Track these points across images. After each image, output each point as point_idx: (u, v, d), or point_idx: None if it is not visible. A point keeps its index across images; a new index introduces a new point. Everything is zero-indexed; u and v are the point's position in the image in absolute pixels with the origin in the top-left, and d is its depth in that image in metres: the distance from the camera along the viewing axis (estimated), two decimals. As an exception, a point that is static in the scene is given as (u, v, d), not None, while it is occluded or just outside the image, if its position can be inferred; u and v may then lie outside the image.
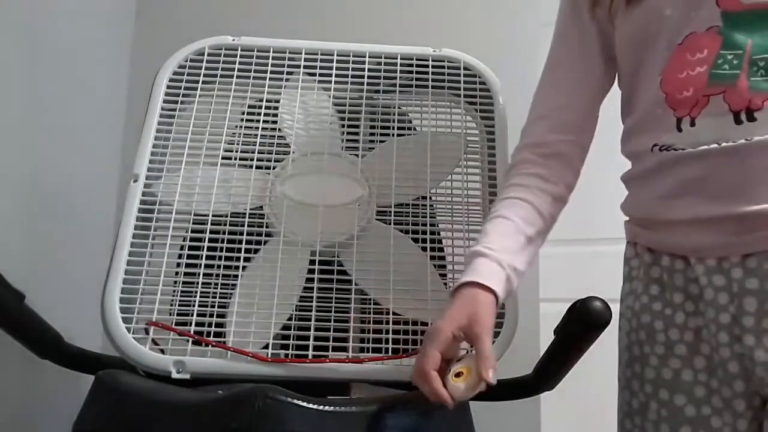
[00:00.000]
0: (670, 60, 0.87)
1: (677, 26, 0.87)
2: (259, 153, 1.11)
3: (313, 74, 1.19)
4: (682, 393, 0.85)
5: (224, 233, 1.04)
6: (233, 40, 1.19)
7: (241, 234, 1.04)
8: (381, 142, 1.15)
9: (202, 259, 1.01)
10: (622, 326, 0.94)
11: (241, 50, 1.18)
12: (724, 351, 0.83)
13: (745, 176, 0.81)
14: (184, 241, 1.05)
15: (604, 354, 1.01)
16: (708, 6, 0.85)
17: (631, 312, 0.92)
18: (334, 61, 1.19)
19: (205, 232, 1.03)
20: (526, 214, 0.93)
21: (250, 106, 1.16)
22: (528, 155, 0.97)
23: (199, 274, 1.00)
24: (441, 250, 1.08)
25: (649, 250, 0.92)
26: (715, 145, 0.82)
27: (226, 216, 1.05)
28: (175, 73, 1.16)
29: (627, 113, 0.96)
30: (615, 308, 0.94)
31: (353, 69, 1.19)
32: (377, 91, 1.19)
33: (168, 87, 1.15)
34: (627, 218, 0.97)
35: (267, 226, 1.05)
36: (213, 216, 1.05)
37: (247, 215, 1.06)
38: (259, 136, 1.12)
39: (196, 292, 0.99)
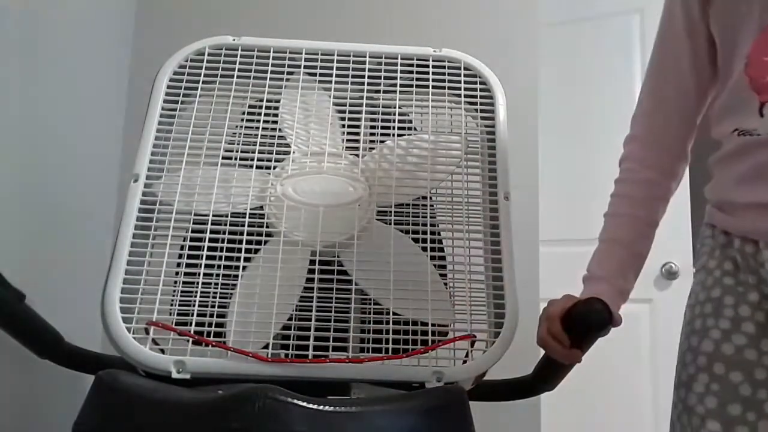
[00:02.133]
0: (757, 42, 0.85)
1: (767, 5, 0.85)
2: (259, 153, 1.11)
3: (314, 74, 1.19)
4: (740, 370, 0.83)
5: (224, 233, 1.04)
6: (233, 40, 1.19)
7: (241, 234, 1.04)
8: (381, 142, 1.15)
9: (202, 259, 1.01)
10: (689, 302, 0.94)
11: (242, 50, 1.18)
12: None
13: None
14: (184, 241, 1.05)
15: (604, 354, 1.01)
16: None
17: (701, 286, 0.91)
18: (335, 61, 1.19)
19: (205, 232, 1.03)
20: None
21: (250, 106, 1.16)
22: None
23: (199, 274, 1.00)
24: (441, 250, 1.08)
25: (724, 233, 0.92)
26: None
27: (226, 216, 1.05)
28: (175, 73, 1.16)
29: (716, 97, 0.95)
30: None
31: (354, 69, 1.19)
32: (377, 91, 1.19)
33: (168, 87, 1.15)
34: (708, 201, 0.97)
35: (267, 226, 1.05)
36: (213, 216, 1.05)
37: (247, 215, 1.05)
38: (259, 136, 1.12)
39: (196, 292, 0.99)
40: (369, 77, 1.18)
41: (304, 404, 0.80)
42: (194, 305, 0.98)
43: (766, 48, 0.84)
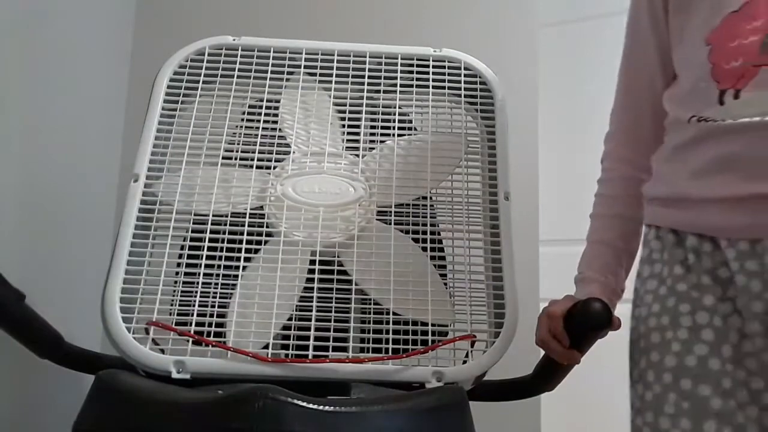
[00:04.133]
0: (721, 27, 0.83)
1: None
2: (259, 153, 1.11)
3: (314, 74, 1.19)
4: (707, 383, 0.78)
5: (224, 233, 1.04)
6: (233, 40, 1.19)
7: (241, 234, 1.04)
8: (381, 142, 1.15)
9: (202, 259, 1.01)
10: (639, 313, 0.89)
11: (242, 50, 1.18)
12: (759, 341, 0.78)
13: None
14: (184, 241, 1.05)
15: (604, 354, 1.01)
16: None
17: (653, 296, 0.87)
18: (335, 61, 1.19)
19: (205, 232, 1.03)
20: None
21: (250, 106, 1.16)
22: None
23: (199, 274, 1.00)
24: (441, 250, 1.08)
25: (672, 231, 0.88)
26: (758, 119, 0.77)
27: (226, 216, 1.05)
28: (175, 73, 1.16)
29: (672, 86, 0.93)
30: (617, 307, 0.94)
31: (354, 69, 1.19)
32: (378, 91, 1.19)
33: (168, 87, 1.15)
34: (649, 200, 0.94)
35: (267, 226, 1.05)
36: (213, 216, 1.05)
37: (247, 215, 1.05)
38: (259, 136, 1.12)
39: (196, 292, 0.99)
40: (369, 77, 1.18)
41: (304, 404, 0.80)
42: (194, 305, 0.98)
43: (729, 35, 0.82)
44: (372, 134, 1.16)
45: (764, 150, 0.77)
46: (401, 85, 1.18)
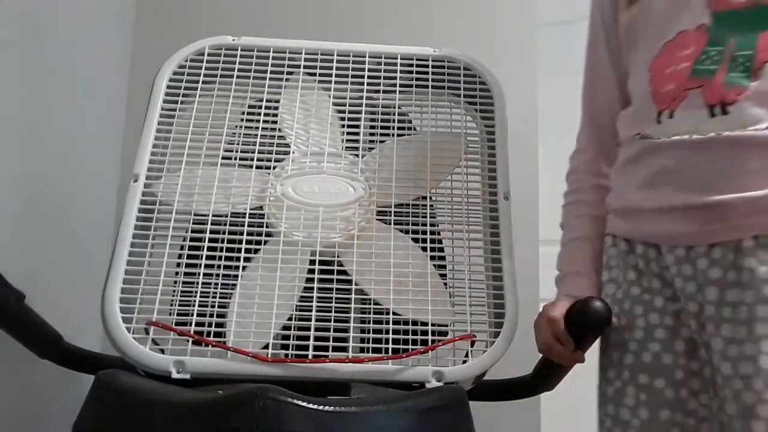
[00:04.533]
0: (660, 56, 0.92)
1: (668, 23, 0.92)
2: (259, 153, 1.11)
3: (313, 74, 1.19)
4: (662, 376, 0.87)
5: (224, 233, 1.04)
6: (233, 40, 1.19)
7: (241, 234, 1.04)
8: (381, 142, 1.15)
9: (202, 259, 1.01)
10: None
11: (241, 50, 1.18)
12: (696, 337, 0.86)
13: (710, 169, 0.85)
14: (184, 241, 1.05)
15: (604, 354, 1.01)
16: (698, 6, 0.90)
17: (612, 300, 0.94)
18: (334, 61, 1.19)
19: (205, 232, 1.03)
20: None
21: (250, 106, 1.16)
22: None
23: (199, 274, 1.00)
24: (441, 250, 1.08)
25: (625, 240, 0.95)
26: (687, 137, 0.86)
27: (226, 216, 1.05)
28: (175, 73, 1.16)
29: (625, 106, 1.00)
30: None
31: (353, 69, 1.19)
32: (377, 91, 1.19)
33: (168, 87, 1.15)
34: (610, 211, 1.00)
35: (267, 226, 1.05)
36: (213, 216, 1.05)
37: (247, 215, 1.05)
38: (259, 136, 1.12)
39: (196, 292, 0.99)
40: (368, 77, 1.18)
41: (304, 404, 0.80)
42: (194, 305, 0.98)
43: (668, 61, 0.91)
44: (371, 134, 1.16)
45: (692, 165, 0.86)
46: (401, 85, 1.18)
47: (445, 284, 1.05)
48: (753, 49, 0.86)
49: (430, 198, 1.11)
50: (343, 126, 1.16)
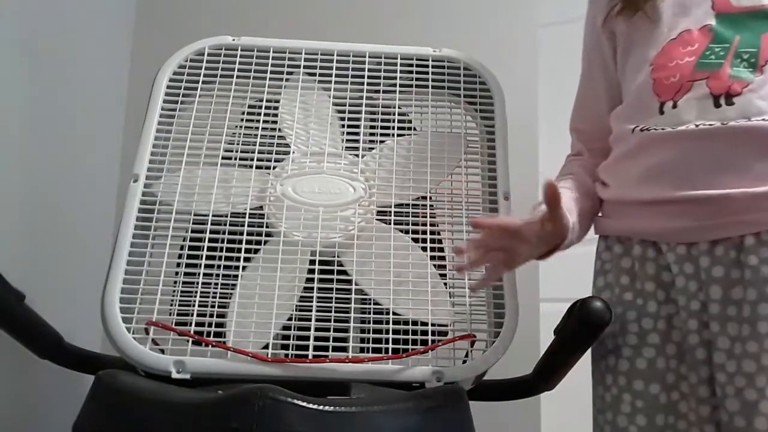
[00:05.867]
0: (662, 52, 0.93)
1: (673, 24, 0.93)
2: (259, 153, 1.11)
3: (313, 74, 1.19)
4: (656, 381, 0.88)
5: (224, 233, 1.04)
6: (233, 40, 1.19)
7: (241, 234, 1.04)
8: (381, 142, 1.15)
9: (202, 259, 1.01)
10: None
11: (241, 50, 1.18)
12: (693, 337, 0.86)
13: (712, 161, 0.85)
14: (184, 241, 1.05)
15: (604, 354, 1.01)
16: (704, 8, 0.92)
17: None
18: (334, 61, 1.19)
19: (205, 232, 1.03)
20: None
21: (250, 106, 1.16)
22: None
23: (199, 274, 1.00)
24: (441, 250, 1.08)
25: (619, 241, 0.95)
26: (693, 126, 0.86)
27: (226, 216, 1.05)
28: (175, 73, 1.16)
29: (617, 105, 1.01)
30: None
31: (353, 69, 1.19)
32: (377, 91, 1.19)
33: (168, 87, 1.15)
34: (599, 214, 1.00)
35: (267, 226, 1.05)
36: (213, 216, 1.05)
37: (247, 215, 1.05)
38: (259, 136, 1.12)
39: (196, 292, 0.99)
40: (368, 77, 1.18)
41: (304, 404, 0.80)
42: (194, 305, 0.98)
43: (671, 56, 0.92)
44: (371, 134, 1.16)
45: (697, 156, 0.86)
46: (401, 85, 1.18)
47: (445, 284, 1.05)
48: (757, 47, 0.87)
49: (430, 198, 1.11)
50: (343, 126, 1.16)
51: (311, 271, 1.02)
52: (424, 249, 1.06)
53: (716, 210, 0.84)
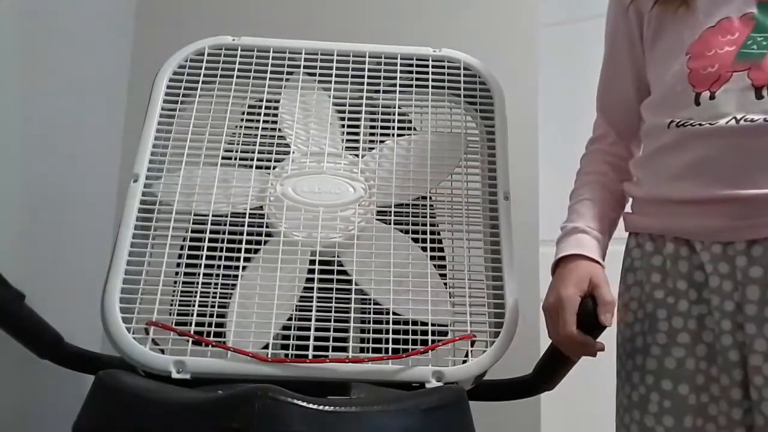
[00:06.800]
0: (699, 40, 0.89)
1: (709, 11, 0.90)
2: (259, 153, 1.11)
3: (313, 74, 1.19)
4: (685, 382, 0.85)
5: (224, 233, 1.04)
6: (233, 40, 1.19)
7: (241, 234, 1.04)
8: (381, 142, 1.15)
9: (202, 259, 1.01)
10: (626, 318, 0.94)
11: (241, 50, 1.18)
12: (726, 339, 0.83)
13: (753, 158, 0.82)
14: (184, 241, 1.05)
15: (604, 354, 1.01)
16: None
17: (637, 303, 0.92)
18: (334, 61, 1.19)
19: (205, 232, 1.03)
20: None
21: (250, 106, 1.16)
22: None
23: (199, 274, 1.00)
24: (441, 250, 1.08)
25: (651, 238, 0.92)
26: (733, 122, 0.82)
27: (226, 216, 1.05)
28: (175, 73, 1.16)
29: (648, 95, 0.98)
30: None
31: (353, 69, 1.19)
32: (377, 91, 1.19)
33: (168, 87, 1.15)
34: (629, 209, 0.98)
35: (267, 226, 1.05)
36: (213, 216, 1.05)
37: (247, 215, 1.05)
38: (259, 136, 1.12)
39: (196, 292, 0.99)
40: (369, 77, 1.18)
41: (304, 404, 0.80)
42: (194, 305, 0.98)
43: (709, 45, 0.88)
44: (371, 134, 1.16)
45: (737, 155, 0.83)
46: (401, 85, 1.18)
47: (445, 284, 1.05)
48: None
49: (430, 198, 1.11)
50: (343, 126, 1.16)
51: (311, 271, 1.02)
52: (424, 249, 1.06)
53: (756, 209, 0.81)
